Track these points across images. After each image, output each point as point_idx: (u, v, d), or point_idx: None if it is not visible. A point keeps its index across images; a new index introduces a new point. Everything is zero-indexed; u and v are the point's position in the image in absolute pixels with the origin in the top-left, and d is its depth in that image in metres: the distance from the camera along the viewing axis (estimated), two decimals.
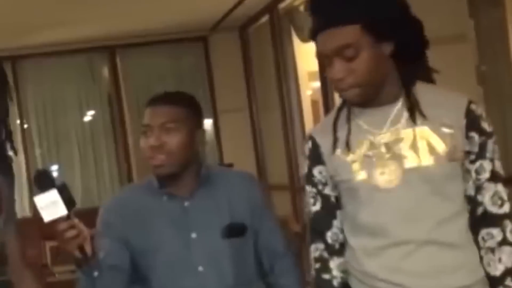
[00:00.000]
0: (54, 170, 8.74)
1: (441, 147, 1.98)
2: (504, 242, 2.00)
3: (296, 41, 7.24)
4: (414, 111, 2.00)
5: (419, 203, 1.99)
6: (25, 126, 8.62)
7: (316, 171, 2.13)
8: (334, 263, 2.12)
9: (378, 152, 2.02)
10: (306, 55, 6.92)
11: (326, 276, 2.12)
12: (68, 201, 2.06)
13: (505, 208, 2.00)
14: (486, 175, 2.01)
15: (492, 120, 2.06)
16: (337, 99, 2.29)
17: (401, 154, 1.99)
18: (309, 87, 7.95)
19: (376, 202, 2.02)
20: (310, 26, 2.00)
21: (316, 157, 2.13)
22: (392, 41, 1.96)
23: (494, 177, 2.01)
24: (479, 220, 2.03)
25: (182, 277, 2.32)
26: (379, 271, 2.03)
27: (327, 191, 2.13)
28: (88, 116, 8.96)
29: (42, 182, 2.06)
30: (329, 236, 2.12)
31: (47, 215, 2.04)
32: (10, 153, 2.50)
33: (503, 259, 2.00)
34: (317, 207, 2.14)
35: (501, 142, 5.34)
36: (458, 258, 2.02)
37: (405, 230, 2.00)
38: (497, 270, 2.01)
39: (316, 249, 2.13)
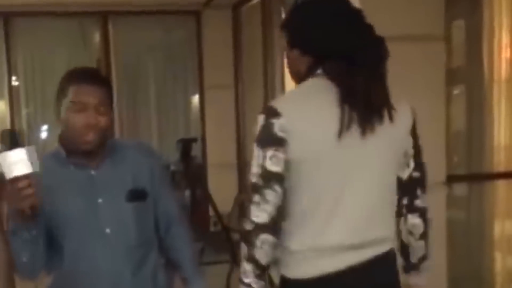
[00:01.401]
0: (43, 130, 8.84)
1: None
2: None
3: None
4: None
5: None
6: (13, 84, 8.69)
7: None
8: None
9: None
10: None
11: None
12: (33, 163, 2.13)
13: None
14: None
15: (460, 120, 2.20)
16: None
17: None
18: None
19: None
20: None
21: None
22: None
23: None
24: None
25: (91, 240, 2.46)
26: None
27: None
28: None
29: (11, 140, 2.15)
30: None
31: (11, 172, 2.12)
32: None
33: None
34: None
35: (467, 141, 5.51)
36: None
37: None
38: None
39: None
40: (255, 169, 2.13)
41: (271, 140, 2.11)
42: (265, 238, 2.12)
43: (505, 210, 5.67)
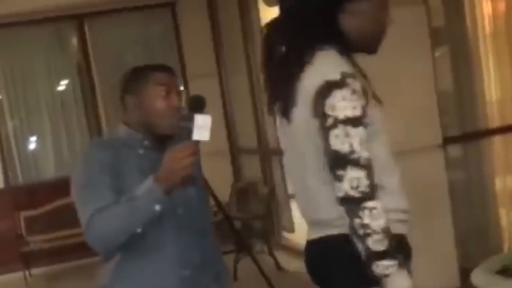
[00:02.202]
0: (32, 141, 8.79)
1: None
2: None
3: (262, 6, 7.24)
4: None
5: None
6: None
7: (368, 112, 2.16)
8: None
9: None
10: None
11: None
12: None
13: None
14: None
15: (448, 80, 2.21)
16: None
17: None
18: None
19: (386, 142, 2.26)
20: None
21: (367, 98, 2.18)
22: None
23: None
24: None
25: (164, 221, 2.41)
26: (405, 203, 2.28)
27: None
28: (59, 86, 8.94)
29: (201, 105, 2.24)
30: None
31: (197, 135, 2.18)
32: None
33: None
34: (367, 153, 2.11)
35: (457, 101, 5.48)
36: None
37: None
38: None
39: (380, 199, 2.11)
40: None
41: None
42: None
43: (505, 165, 5.64)
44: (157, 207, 2.28)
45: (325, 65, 2.16)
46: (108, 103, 8.62)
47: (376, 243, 2.06)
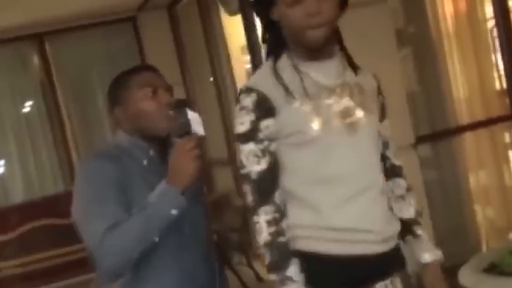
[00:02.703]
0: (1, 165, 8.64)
1: (372, 103, 2.15)
2: (409, 188, 2.23)
3: (224, 15, 7.19)
4: (354, 65, 2.15)
5: (369, 151, 2.12)
6: None
7: (263, 125, 2.08)
8: (284, 224, 2.08)
9: (333, 104, 2.08)
10: (236, 29, 6.87)
11: (282, 239, 2.06)
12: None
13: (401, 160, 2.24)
14: (388, 132, 2.22)
15: (414, 80, 2.25)
16: None
17: (350, 106, 2.08)
18: (245, 60, 7.90)
19: (339, 152, 2.07)
20: None
21: (264, 110, 2.07)
22: None
23: (391, 134, 2.22)
24: (388, 173, 2.21)
25: (171, 238, 2.32)
26: (348, 221, 2.07)
27: (273, 147, 2.09)
28: (23, 107, 8.79)
29: (185, 103, 2.23)
30: (277, 196, 2.08)
31: (196, 128, 2.19)
32: None
33: (412, 202, 2.22)
34: (262, 166, 2.07)
35: (425, 100, 5.47)
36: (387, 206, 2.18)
37: (367, 177, 2.10)
38: (410, 212, 2.22)
39: (266, 212, 2.06)
40: None
41: None
42: None
43: (477, 161, 5.64)
44: (174, 211, 2.20)
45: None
46: (74, 121, 8.51)
47: (263, 256, 2.06)
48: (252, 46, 5.69)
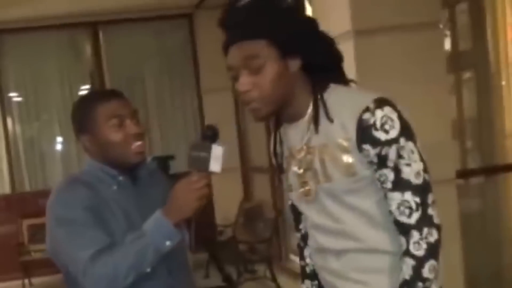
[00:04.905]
0: (42, 147, 8.66)
1: (341, 162, 1.96)
2: (406, 253, 1.91)
3: None
4: (317, 123, 1.98)
5: (328, 215, 2.02)
6: (8, 100, 8.58)
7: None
8: (307, 251, 2.28)
9: (299, 169, 2.05)
10: None
11: (302, 263, 2.33)
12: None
13: (413, 218, 1.89)
14: (388, 184, 1.92)
15: (466, 108, 2.00)
16: None
17: (315, 169, 2.01)
18: None
19: (305, 215, 2.16)
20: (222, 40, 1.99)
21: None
22: (299, 57, 1.95)
23: (400, 186, 1.89)
24: (397, 229, 1.96)
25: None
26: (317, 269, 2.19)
27: None
28: (71, 93, 8.75)
29: (215, 135, 2.10)
30: (301, 226, 2.30)
31: (214, 166, 2.09)
32: None
33: (403, 269, 1.92)
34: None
35: (476, 130, 5.23)
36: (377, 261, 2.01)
37: (323, 240, 2.07)
38: (399, 279, 1.95)
39: (296, 237, 2.36)
40: (420, 165, 1.89)
41: (411, 128, 1.92)
42: None
43: None
44: (168, 243, 2.17)
45: None
46: None
47: None
48: None
